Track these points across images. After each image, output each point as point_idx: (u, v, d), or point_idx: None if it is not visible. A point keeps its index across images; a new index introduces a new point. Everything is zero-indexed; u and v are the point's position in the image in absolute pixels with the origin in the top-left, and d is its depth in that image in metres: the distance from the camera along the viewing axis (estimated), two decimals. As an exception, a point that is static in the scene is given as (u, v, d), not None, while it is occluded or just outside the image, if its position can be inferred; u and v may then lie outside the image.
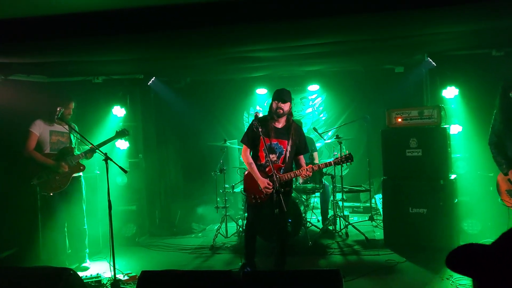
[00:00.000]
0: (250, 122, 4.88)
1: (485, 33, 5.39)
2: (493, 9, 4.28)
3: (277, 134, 4.61)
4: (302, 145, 4.82)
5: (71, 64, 6.10)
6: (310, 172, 4.52)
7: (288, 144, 4.63)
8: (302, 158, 4.86)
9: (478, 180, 5.78)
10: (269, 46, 5.80)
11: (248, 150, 4.74)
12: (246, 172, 4.76)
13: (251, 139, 4.71)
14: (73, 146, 5.40)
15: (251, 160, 4.69)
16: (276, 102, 4.63)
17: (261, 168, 4.65)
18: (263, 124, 4.60)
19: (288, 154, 4.63)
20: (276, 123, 4.68)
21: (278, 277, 3.39)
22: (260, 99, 8.84)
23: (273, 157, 4.62)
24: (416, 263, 5.07)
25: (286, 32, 5.00)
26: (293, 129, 4.72)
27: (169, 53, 6.18)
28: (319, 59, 7.03)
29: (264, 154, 4.64)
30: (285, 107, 4.63)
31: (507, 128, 4.48)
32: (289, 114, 4.76)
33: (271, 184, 4.53)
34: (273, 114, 4.63)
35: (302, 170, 4.53)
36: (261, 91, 8.55)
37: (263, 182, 4.55)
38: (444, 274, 4.65)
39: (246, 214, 4.98)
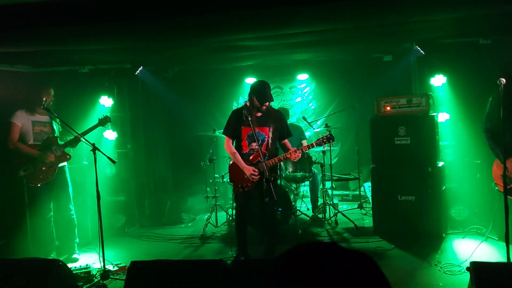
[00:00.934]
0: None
1: (472, 21, 5.41)
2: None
3: (259, 122, 4.62)
4: (285, 130, 4.86)
5: (57, 53, 6.00)
6: (299, 153, 4.56)
7: (269, 131, 4.65)
8: (287, 142, 4.89)
9: (465, 167, 5.84)
10: (258, 34, 5.77)
11: (231, 140, 4.77)
12: (230, 162, 4.79)
13: (233, 129, 4.73)
14: (56, 135, 5.31)
15: (234, 150, 4.72)
16: (258, 102, 4.59)
17: (245, 157, 4.69)
18: (243, 114, 4.60)
19: (270, 141, 4.67)
20: (257, 112, 4.68)
21: (268, 265, 3.40)
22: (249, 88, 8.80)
23: (255, 145, 4.65)
24: (405, 249, 5.12)
25: (274, 20, 4.98)
26: (272, 115, 4.74)
27: (157, 42, 6.11)
28: (308, 48, 7.02)
29: (247, 143, 4.68)
30: (268, 103, 4.66)
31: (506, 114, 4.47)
32: None
33: (256, 170, 4.57)
34: (255, 108, 4.61)
35: (291, 153, 4.55)
36: (250, 80, 8.51)
37: (248, 169, 4.58)
38: (433, 260, 4.71)
39: (234, 204, 4.99)
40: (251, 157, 4.67)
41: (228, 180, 4.97)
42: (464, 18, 5.29)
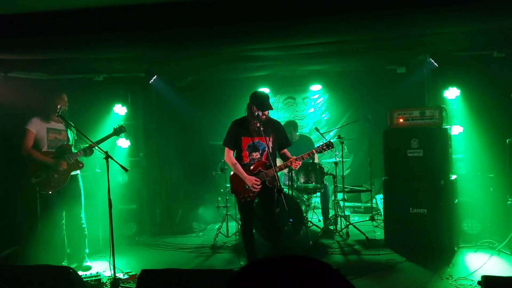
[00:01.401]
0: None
1: (486, 34, 5.38)
2: (495, 9, 4.28)
3: (258, 132, 4.62)
4: (284, 139, 4.88)
5: (73, 61, 6.09)
6: (299, 161, 4.59)
7: (269, 140, 4.65)
8: (287, 152, 4.91)
9: (478, 181, 5.78)
10: (272, 45, 5.80)
11: (231, 152, 4.77)
12: (231, 174, 4.80)
13: (233, 140, 4.74)
14: (70, 143, 5.36)
15: (235, 161, 4.72)
16: (258, 110, 4.60)
17: (246, 167, 4.69)
18: (242, 125, 4.67)
19: (270, 150, 4.66)
20: (256, 122, 4.67)
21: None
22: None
23: (256, 154, 4.68)
24: (416, 262, 5.06)
25: (288, 30, 5.00)
26: (271, 124, 4.75)
27: (171, 51, 6.17)
28: (321, 59, 7.03)
29: (248, 153, 4.70)
30: (267, 112, 4.68)
31: None
32: None
33: (258, 180, 4.58)
34: (255, 118, 4.62)
35: (292, 161, 4.59)
36: (264, 90, 8.54)
37: (250, 180, 4.59)
38: (444, 273, 4.65)
39: (239, 215, 5.00)
40: (252, 167, 4.68)
41: (229, 191, 4.97)
42: (478, 31, 5.27)
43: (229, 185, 6.69)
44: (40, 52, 5.43)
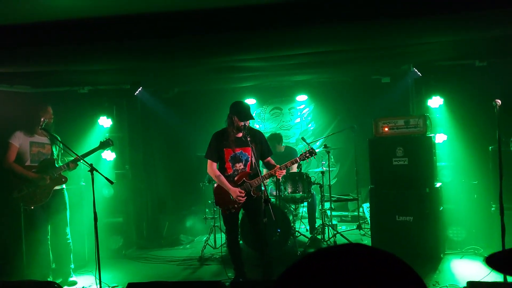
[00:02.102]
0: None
1: (468, 44, 5.49)
2: (477, 20, 4.37)
3: (239, 143, 4.65)
4: (265, 148, 4.88)
5: (57, 74, 6.06)
6: (283, 170, 4.63)
7: (252, 151, 4.65)
8: (271, 160, 4.92)
9: (463, 188, 5.85)
10: (257, 55, 5.84)
11: (214, 164, 4.76)
12: (215, 186, 4.79)
13: (215, 152, 4.74)
14: (55, 157, 5.28)
15: (218, 173, 4.72)
16: (239, 121, 4.61)
17: (230, 179, 4.69)
18: (223, 136, 4.69)
19: (254, 160, 4.68)
20: (237, 133, 4.70)
21: (265, 286, 3.38)
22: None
23: (240, 165, 4.69)
24: (404, 271, 5.07)
25: (274, 41, 5.05)
26: (253, 135, 4.75)
27: (156, 63, 6.18)
28: (307, 69, 7.10)
29: (231, 165, 4.70)
30: (248, 122, 4.68)
31: None
32: None
33: (243, 192, 4.58)
34: (234, 128, 4.64)
35: (276, 170, 4.61)
36: (250, 101, 8.57)
37: (234, 191, 4.59)
38: (431, 280, 4.67)
39: (224, 228, 4.98)
40: (236, 178, 4.68)
41: (214, 203, 4.97)
42: (461, 41, 5.38)
43: (216, 197, 6.72)
44: (22, 65, 5.40)
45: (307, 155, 4.78)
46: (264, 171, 5.27)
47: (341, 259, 0.89)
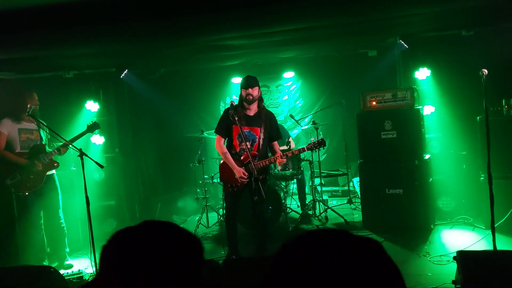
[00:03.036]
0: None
1: (454, 14, 5.47)
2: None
3: (250, 122, 4.60)
4: (274, 131, 4.83)
5: (40, 59, 5.95)
6: (285, 158, 4.59)
7: (261, 132, 4.63)
8: (276, 144, 4.88)
9: (452, 159, 5.93)
10: (242, 33, 5.78)
11: (222, 139, 4.72)
12: (221, 162, 4.76)
13: (224, 128, 4.70)
14: (44, 142, 5.26)
15: (225, 150, 4.68)
16: (244, 90, 4.62)
17: (236, 157, 4.65)
18: (234, 112, 4.61)
19: (261, 142, 4.64)
20: (248, 111, 4.67)
21: (259, 263, 3.42)
22: (236, 88, 8.79)
23: (247, 144, 4.61)
24: (394, 242, 5.18)
25: (258, 18, 5.00)
26: (264, 115, 4.71)
27: (141, 44, 6.09)
28: (293, 46, 7.05)
29: (238, 143, 4.65)
30: (254, 92, 4.62)
31: None
32: (260, 100, 4.75)
33: (246, 173, 4.55)
34: (244, 102, 4.62)
35: (277, 157, 4.57)
36: (237, 80, 8.51)
37: (238, 171, 4.56)
38: (421, 251, 4.77)
39: (225, 204, 4.99)
40: (242, 157, 4.64)
41: (219, 180, 4.94)
42: (446, 11, 5.35)
43: (207, 176, 6.75)
44: (5, 51, 5.29)
45: (316, 145, 4.71)
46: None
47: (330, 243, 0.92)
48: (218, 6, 4.30)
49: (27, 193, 5.04)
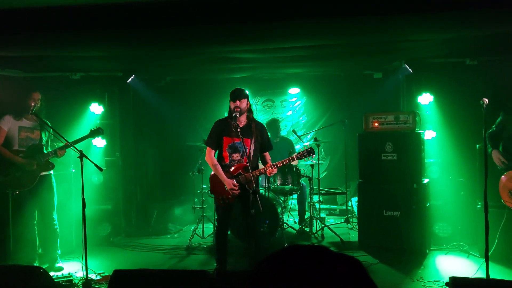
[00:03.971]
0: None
1: (460, 42, 5.54)
2: (468, 18, 4.41)
3: (239, 133, 4.52)
4: (266, 142, 4.82)
5: (49, 59, 6.01)
6: (275, 168, 4.57)
7: (251, 142, 4.62)
8: (267, 155, 4.87)
9: (450, 185, 5.92)
10: (251, 47, 5.84)
11: (213, 151, 4.69)
12: (211, 174, 4.70)
13: (215, 140, 4.69)
14: (43, 143, 5.24)
15: (215, 162, 4.65)
16: (232, 102, 4.61)
17: (226, 169, 4.62)
18: (225, 124, 4.63)
19: (252, 153, 4.62)
20: (238, 122, 4.63)
21: (253, 270, 3.41)
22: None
23: (236, 156, 4.62)
24: (389, 265, 5.15)
25: (268, 33, 5.05)
26: (254, 126, 4.70)
27: (150, 51, 6.16)
28: (300, 62, 7.11)
29: (228, 154, 4.65)
30: (242, 104, 4.61)
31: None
32: (249, 111, 4.74)
33: (237, 185, 4.52)
34: (232, 114, 4.59)
35: (267, 168, 4.56)
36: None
37: (229, 183, 4.51)
38: (415, 275, 4.74)
39: (216, 216, 4.96)
40: (232, 169, 4.61)
41: (209, 192, 4.90)
42: (452, 39, 5.41)
43: (205, 186, 6.74)
44: (15, 49, 5.35)
45: (305, 154, 4.66)
46: (260, 166, 5.25)
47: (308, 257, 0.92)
48: (230, 19, 4.35)
49: (17, 192, 5.01)
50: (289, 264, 0.90)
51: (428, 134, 6.24)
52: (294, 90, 8.70)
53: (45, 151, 5.16)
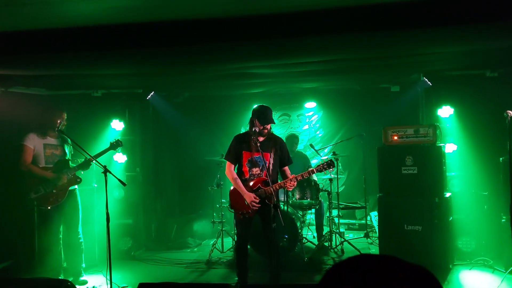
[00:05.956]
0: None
1: (479, 54, 5.51)
2: (488, 31, 4.40)
3: (258, 148, 4.53)
4: (285, 156, 4.83)
5: (71, 77, 6.16)
6: (294, 182, 4.55)
7: (270, 157, 4.63)
8: (287, 170, 4.87)
9: (473, 199, 5.85)
10: (267, 63, 5.90)
11: (232, 166, 4.71)
12: (231, 188, 4.72)
13: (234, 155, 4.71)
14: (67, 158, 5.38)
15: (235, 176, 4.67)
16: (259, 123, 4.58)
17: (245, 183, 4.63)
18: (245, 139, 4.66)
19: (271, 167, 4.62)
20: (258, 137, 4.65)
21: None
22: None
23: (256, 170, 4.63)
24: (412, 280, 5.08)
25: (283, 49, 5.09)
26: (274, 141, 4.73)
27: (169, 69, 6.26)
28: (316, 77, 7.14)
29: (248, 168, 4.66)
30: (269, 126, 4.66)
31: None
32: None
33: (257, 198, 4.53)
34: (257, 133, 4.59)
35: (286, 181, 4.56)
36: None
37: (249, 196, 4.52)
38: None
39: (236, 231, 4.97)
40: (251, 183, 4.61)
41: (229, 206, 4.91)
42: (471, 51, 5.39)
43: (224, 201, 6.77)
44: (41, 68, 5.50)
45: (325, 166, 4.62)
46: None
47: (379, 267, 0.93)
48: (246, 35, 4.41)
49: (49, 207, 5.11)
50: (360, 272, 0.91)
51: (449, 147, 6.18)
52: (310, 104, 8.73)
53: (71, 166, 5.26)
